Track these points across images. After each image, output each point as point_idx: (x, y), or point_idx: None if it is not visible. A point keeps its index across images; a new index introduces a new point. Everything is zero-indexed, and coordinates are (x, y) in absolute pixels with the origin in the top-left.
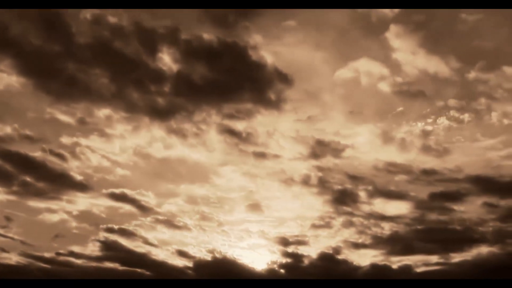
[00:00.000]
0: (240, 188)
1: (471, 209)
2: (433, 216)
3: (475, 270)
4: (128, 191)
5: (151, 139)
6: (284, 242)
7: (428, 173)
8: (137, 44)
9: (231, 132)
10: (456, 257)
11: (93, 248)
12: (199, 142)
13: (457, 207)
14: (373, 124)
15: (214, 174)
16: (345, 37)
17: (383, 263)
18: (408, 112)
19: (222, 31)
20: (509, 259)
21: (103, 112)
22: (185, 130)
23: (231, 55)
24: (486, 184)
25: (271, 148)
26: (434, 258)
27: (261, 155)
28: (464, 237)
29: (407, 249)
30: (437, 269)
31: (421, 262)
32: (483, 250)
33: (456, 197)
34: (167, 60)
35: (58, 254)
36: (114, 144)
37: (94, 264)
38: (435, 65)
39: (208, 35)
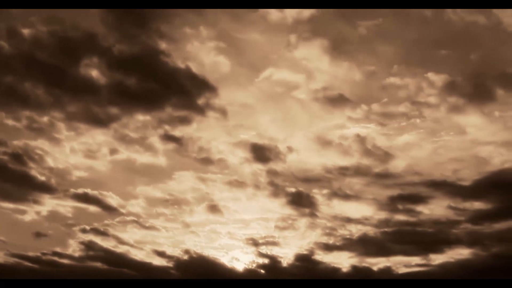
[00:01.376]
0: (194, 190)
1: (438, 211)
2: (400, 218)
3: (459, 271)
4: (90, 191)
5: (96, 144)
6: (255, 243)
7: (382, 176)
8: (60, 54)
9: (172, 138)
10: (437, 259)
11: (74, 248)
12: (144, 148)
13: (421, 209)
14: (304, 129)
15: (166, 177)
16: (255, 46)
17: (362, 264)
18: (334, 117)
19: (140, 39)
20: (492, 260)
21: (46, 118)
22: (127, 136)
23: (154, 62)
24: (444, 187)
25: (214, 153)
26: (414, 260)
27: (206, 160)
28: (439, 238)
29: (383, 251)
30: (419, 271)
31: (400, 263)
32: (464, 251)
33: (418, 199)
34: (93, 69)
35: (44, 254)
36: (64, 148)
37: (79, 264)
38: (347, 71)
39: (127, 43)
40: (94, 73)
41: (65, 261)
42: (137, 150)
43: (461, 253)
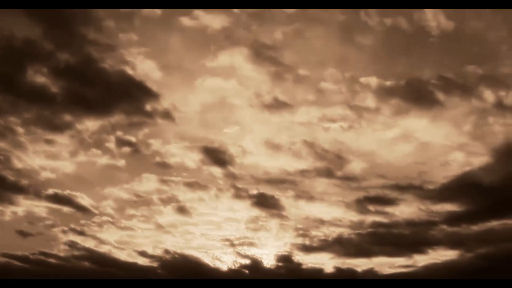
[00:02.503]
0: (158, 192)
1: (410, 213)
2: (373, 219)
3: (444, 272)
4: (60, 192)
5: (57, 147)
6: (232, 243)
7: (345, 179)
8: (5, 62)
9: (126, 143)
10: (421, 260)
11: (59, 248)
12: (102, 151)
13: (392, 210)
14: (250, 134)
15: (129, 179)
16: (186, 53)
17: (345, 266)
18: (276, 122)
19: (75, 47)
20: (475, 261)
21: (3, 122)
22: (84, 141)
23: (95, 70)
24: (411, 190)
25: (170, 157)
26: (397, 261)
27: (163, 163)
28: (419, 240)
29: (364, 252)
30: (404, 272)
31: (384, 264)
32: (447, 253)
33: (386, 202)
34: (40, 76)
35: (33, 254)
36: (27, 150)
37: (67, 264)
38: (275, 76)
39: (66, 51)
40: (42, 80)
41: (53, 260)
42: (95, 153)
43: (444, 254)
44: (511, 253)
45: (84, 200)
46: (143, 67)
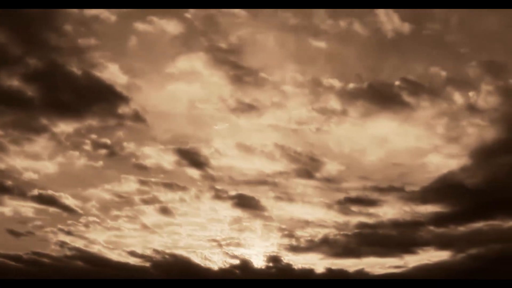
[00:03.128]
0: (139, 192)
1: (394, 214)
2: (358, 220)
3: (435, 273)
4: (44, 193)
5: (36, 148)
6: (219, 244)
7: (325, 180)
8: None
9: (103, 145)
10: (411, 261)
11: (51, 248)
12: (79, 153)
13: (375, 211)
14: (222, 137)
15: (109, 180)
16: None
17: (335, 266)
18: (246, 124)
19: (41, 52)
20: (466, 262)
21: None
22: (61, 143)
23: (65, 74)
24: (393, 192)
25: (146, 159)
26: (388, 261)
27: (141, 165)
28: (407, 241)
29: (354, 253)
30: (395, 272)
31: (374, 265)
32: (437, 254)
33: (368, 203)
34: (13, 80)
35: (26, 254)
36: (8, 151)
37: (60, 263)
38: (235, 79)
39: (35, 56)
40: (16, 84)
41: (46, 260)
42: (73, 155)
43: (435, 255)
44: (500, 254)
45: (68, 200)
46: (108, 71)
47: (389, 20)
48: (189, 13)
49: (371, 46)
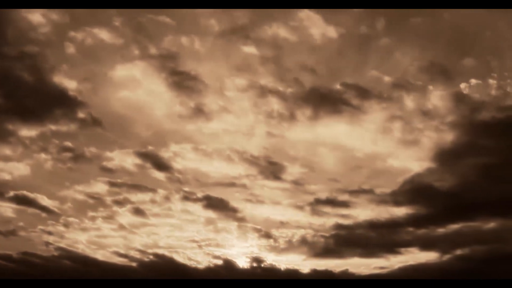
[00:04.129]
0: (110, 194)
1: (368, 215)
2: (334, 222)
3: (419, 273)
4: (20, 193)
5: (5, 152)
6: (199, 244)
7: (292, 183)
8: None
9: (66, 149)
10: (397, 261)
11: (40, 249)
12: (46, 156)
13: (349, 213)
14: (180, 143)
15: (78, 182)
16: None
17: (320, 267)
18: (201, 128)
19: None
20: (453, 262)
21: None
22: (27, 148)
23: (20, 80)
24: (364, 195)
25: (110, 162)
26: (372, 262)
27: (106, 168)
28: (389, 241)
29: (336, 253)
30: (380, 273)
31: (359, 265)
32: (421, 254)
33: (340, 205)
34: None
35: (17, 253)
36: None
37: (48, 263)
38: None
39: None
40: None
41: (35, 260)
42: (41, 158)
43: (419, 256)
44: (482, 255)
45: (45, 201)
46: (58, 77)
47: (315, 24)
48: (118, 22)
49: (304, 50)
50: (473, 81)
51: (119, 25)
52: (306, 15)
